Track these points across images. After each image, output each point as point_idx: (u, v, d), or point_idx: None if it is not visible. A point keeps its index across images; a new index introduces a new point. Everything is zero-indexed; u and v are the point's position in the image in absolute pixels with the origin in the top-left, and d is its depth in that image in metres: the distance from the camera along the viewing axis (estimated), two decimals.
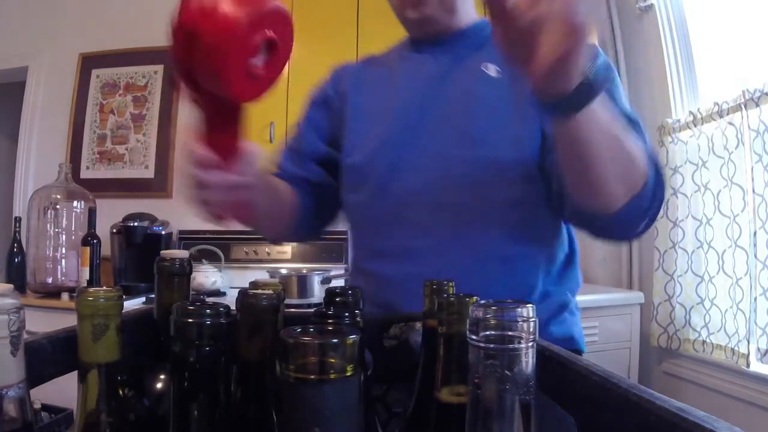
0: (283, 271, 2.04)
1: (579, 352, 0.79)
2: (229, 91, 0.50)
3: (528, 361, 0.27)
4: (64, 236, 2.09)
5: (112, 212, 2.22)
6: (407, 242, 0.76)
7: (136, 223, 2.14)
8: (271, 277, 1.97)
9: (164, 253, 0.48)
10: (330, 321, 0.40)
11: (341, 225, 0.96)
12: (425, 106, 0.79)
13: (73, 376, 0.36)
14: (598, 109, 0.53)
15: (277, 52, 0.51)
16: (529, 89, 0.51)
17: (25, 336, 0.33)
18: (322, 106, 0.95)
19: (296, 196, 0.85)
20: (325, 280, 1.92)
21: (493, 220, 0.74)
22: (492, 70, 0.77)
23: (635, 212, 0.64)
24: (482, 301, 0.29)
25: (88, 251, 1.93)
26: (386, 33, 1.24)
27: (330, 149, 0.90)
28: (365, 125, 0.84)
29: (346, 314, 0.40)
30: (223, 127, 0.55)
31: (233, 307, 0.36)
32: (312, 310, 0.41)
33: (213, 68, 0.47)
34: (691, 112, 1.98)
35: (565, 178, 0.63)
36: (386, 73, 0.89)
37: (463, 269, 0.64)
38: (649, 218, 0.66)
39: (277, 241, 0.81)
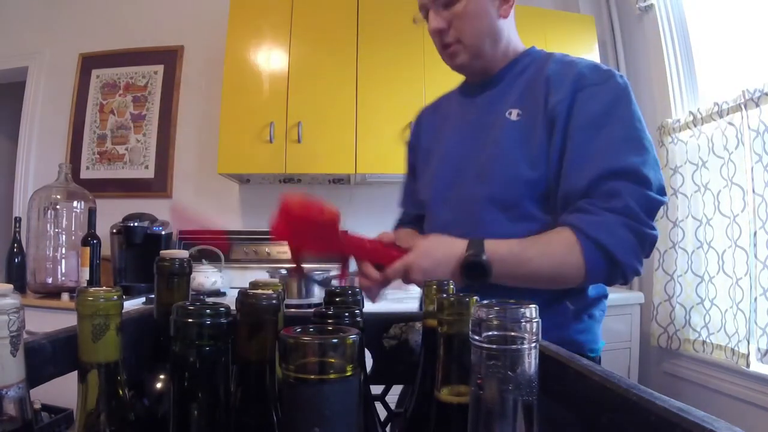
0: (283, 271, 2.04)
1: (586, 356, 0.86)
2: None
3: (530, 362, 0.27)
4: (64, 236, 2.09)
5: (112, 212, 2.22)
6: None
7: (136, 223, 2.14)
8: (271, 277, 1.97)
9: (164, 253, 0.48)
10: (330, 321, 0.40)
11: None
12: (461, 151, 0.94)
13: (73, 376, 0.36)
14: (501, 276, 0.77)
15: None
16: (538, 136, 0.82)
17: (25, 336, 0.33)
18: (411, 151, 1.13)
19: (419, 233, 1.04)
20: (325, 280, 1.92)
21: None
22: (515, 114, 0.88)
23: (593, 284, 0.84)
24: (485, 302, 0.29)
25: (88, 251, 1.93)
26: (386, 33, 1.24)
27: None
28: (425, 167, 1.03)
29: (346, 314, 0.40)
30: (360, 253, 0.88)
31: (233, 307, 0.36)
32: (312, 310, 0.41)
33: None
34: (691, 112, 1.98)
35: None
36: (441, 119, 1.05)
37: (477, 292, 0.72)
38: (623, 281, 0.78)
39: None
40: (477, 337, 0.27)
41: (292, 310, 1.43)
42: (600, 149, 0.77)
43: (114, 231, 2.15)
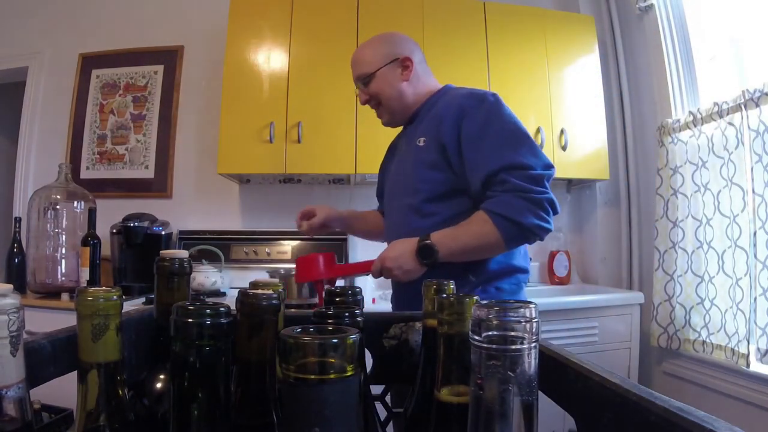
0: (283, 271, 2.04)
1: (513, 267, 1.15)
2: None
3: (530, 362, 0.27)
4: (64, 236, 2.08)
5: (112, 212, 2.23)
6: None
7: (136, 223, 2.14)
8: (271, 277, 1.97)
9: (164, 253, 0.48)
10: (330, 321, 0.40)
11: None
12: (397, 171, 1.29)
13: (73, 376, 0.36)
14: (447, 255, 1.06)
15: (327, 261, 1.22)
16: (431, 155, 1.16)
17: (25, 336, 0.33)
18: (381, 170, 1.46)
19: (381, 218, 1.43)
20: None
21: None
22: (422, 141, 1.18)
23: (513, 248, 1.10)
24: (484, 302, 0.29)
25: (88, 251, 1.93)
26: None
27: None
28: (384, 183, 1.39)
29: (346, 314, 0.40)
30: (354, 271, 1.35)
31: (233, 307, 0.36)
32: (312, 310, 0.41)
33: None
34: (691, 112, 1.98)
35: None
36: (394, 145, 1.43)
37: None
38: (535, 238, 1.05)
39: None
40: (477, 337, 0.27)
41: (292, 310, 1.43)
42: (484, 156, 1.06)
43: (114, 231, 2.15)
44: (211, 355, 0.31)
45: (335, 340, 0.24)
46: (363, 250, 2.35)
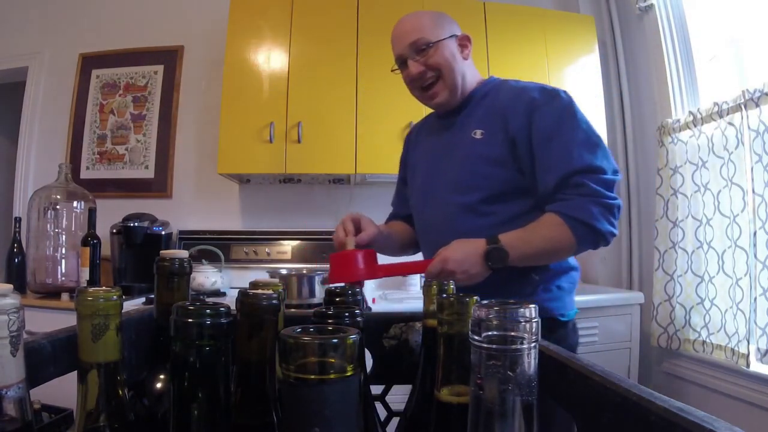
0: (283, 271, 2.04)
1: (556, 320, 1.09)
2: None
3: (530, 362, 0.27)
4: (64, 236, 2.08)
5: (112, 212, 2.22)
6: (431, 252, 1.06)
7: (136, 223, 2.14)
8: (271, 277, 1.97)
9: (164, 253, 0.48)
10: (330, 321, 0.39)
11: None
12: (438, 166, 1.16)
13: (73, 376, 0.36)
14: (516, 258, 0.98)
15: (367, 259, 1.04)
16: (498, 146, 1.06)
17: (25, 336, 0.33)
18: (402, 165, 1.35)
19: (411, 228, 1.30)
20: (325, 280, 1.92)
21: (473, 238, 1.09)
22: (478, 134, 1.09)
23: (582, 252, 1.04)
24: (484, 302, 0.29)
25: (88, 251, 1.93)
26: (386, 33, 1.25)
27: None
28: (413, 179, 1.26)
29: (346, 314, 0.40)
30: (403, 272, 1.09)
31: (233, 307, 0.36)
32: (312, 310, 0.41)
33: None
34: (691, 112, 1.98)
35: None
36: (424, 138, 1.27)
37: None
38: (604, 244, 1.02)
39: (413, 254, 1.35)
40: (477, 337, 0.27)
41: (292, 310, 1.43)
42: (559, 156, 1.00)
43: (114, 231, 2.15)
44: (211, 355, 0.31)
45: (335, 340, 0.24)
46: None
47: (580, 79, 2.37)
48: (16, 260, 2.07)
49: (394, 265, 1.05)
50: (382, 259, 1.06)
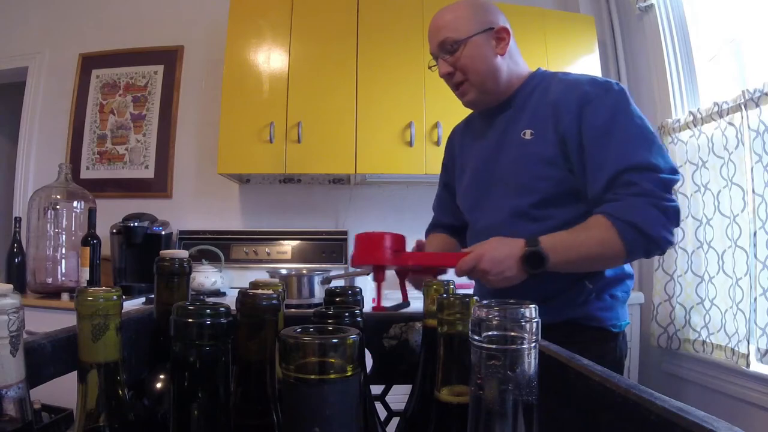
0: (283, 271, 2.04)
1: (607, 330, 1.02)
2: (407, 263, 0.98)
3: (530, 362, 0.27)
4: (64, 236, 2.08)
5: (112, 212, 2.22)
6: None
7: (136, 223, 2.14)
8: (271, 277, 1.97)
9: (164, 253, 0.48)
10: (330, 321, 0.39)
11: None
12: (487, 168, 1.09)
13: (73, 376, 0.36)
14: (558, 264, 0.90)
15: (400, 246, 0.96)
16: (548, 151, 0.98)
17: (25, 336, 0.33)
18: (445, 170, 1.30)
19: (455, 241, 1.25)
20: (325, 280, 1.92)
21: None
22: (528, 134, 1.02)
23: (634, 260, 0.95)
24: (484, 302, 0.29)
25: (88, 251, 1.93)
26: (386, 33, 1.24)
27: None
28: (460, 181, 1.19)
29: (346, 314, 0.40)
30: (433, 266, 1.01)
31: (233, 307, 0.36)
32: (312, 310, 0.41)
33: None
34: (691, 112, 1.98)
35: None
36: (471, 138, 1.20)
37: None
38: (659, 251, 0.92)
39: None
40: (477, 337, 0.27)
41: (292, 310, 1.43)
42: (611, 153, 0.91)
43: (114, 231, 2.15)
44: (211, 355, 0.31)
45: (335, 340, 0.24)
46: None
47: None
48: (16, 260, 2.06)
49: (424, 254, 0.98)
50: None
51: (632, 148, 0.91)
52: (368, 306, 0.99)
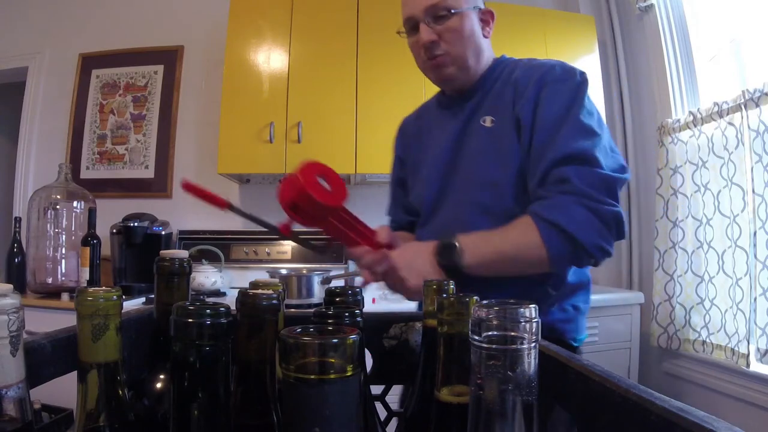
0: (283, 271, 2.04)
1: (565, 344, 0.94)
2: (328, 204, 0.82)
3: (530, 362, 0.27)
4: (64, 236, 2.08)
5: (112, 212, 2.22)
6: None
7: (136, 223, 2.14)
8: (271, 277, 1.97)
9: (164, 253, 0.48)
10: (330, 321, 0.39)
11: None
12: (445, 162, 1.00)
13: (73, 376, 0.36)
14: (474, 267, 0.82)
15: (332, 181, 0.81)
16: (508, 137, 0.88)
17: (25, 336, 0.33)
18: (398, 161, 1.20)
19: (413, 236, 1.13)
20: (325, 280, 1.92)
21: None
22: (488, 121, 0.94)
23: (563, 268, 0.88)
24: (484, 302, 0.29)
25: (88, 251, 1.93)
26: (386, 33, 1.25)
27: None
28: (414, 177, 1.10)
29: (346, 314, 0.40)
30: (348, 227, 0.86)
31: (233, 307, 0.36)
32: (312, 310, 0.41)
33: (317, 205, 0.81)
34: (691, 112, 1.98)
35: None
36: (425, 131, 1.10)
37: (466, 283, 0.71)
38: (591, 258, 0.81)
39: None
40: (477, 337, 0.27)
41: (292, 310, 1.43)
42: (553, 143, 0.83)
43: (114, 231, 2.15)
44: (211, 355, 0.31)
45: (335, 340, 0.24)
46: None
47: None
48: (16, 260, 2.07)
49: (353, 218, 0.85)
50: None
51: (572, 140, 0.81)
52: (368, 306, 0.97)
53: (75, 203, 2.13)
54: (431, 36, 0.93)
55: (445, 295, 0.41)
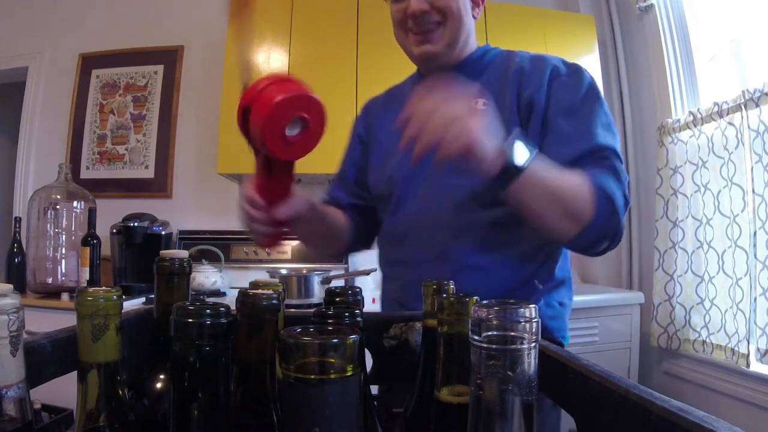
0: (283, 271, 2.04)
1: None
2: (270, 152, 0.68)
3: (530, 362, 0.27)
4: (64, 236, 2.08)
5: (112, 212, 2.22)
6: (411, 254, 0.91)
7: (136, 223, 2.14)
8: (271, 277, 1.97)
9: (164, 253, 0.48)
10: (330, 321, 0.39)
11: None
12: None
13: (73, 376, 0.36)
14: (533, 179, 0.68)
15: (309, 129, 0.68)
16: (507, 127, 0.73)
17: (25, 336, 0.33)
18: (358, 140, 1.12)
19: (347, 219, 1.03)
20: (325, 280, 1.92)
21: (474, 236, 0.87)
22: (480, 104, 0.84)
23: (587, 240, 0.78)
24: (484, 302, 0.29)
25: (88, 251, 1.93)
26: (386, 33, 1.24)
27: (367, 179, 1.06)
28: (383, 158, 0.99)
29: (346, 314, 0.40)
30: (271, 177, 0.76)
31: (233, 307, 0.36)
32: (312, 310, 0.41)
33: (259, 135, 0.66)
34: (691, 112, 1.98)
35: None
36: (398, 109, 0.94)
37: (451, 277, 0.58)
38: (608, 242, 0.78)
39: (335, 255, 1.13)
40: (476, 337, 0.27)
41: (292, 310, 1.43)
42: (581, 130, 0.82)
43: (114, 231, 2.15)
44: (211, 355, 0.31)
45: (335, 340, 0.24)
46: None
47: None
48: (16, 260, 2.07)
49: (287, 172, 0.75)
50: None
51: (603, 133, 0.81)
52: (368, 306, 0.96)
53: (75, 203, 2.13)
54: (423, 5, 0.87)
55: (445, 295, 0.41)
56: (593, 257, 0.81)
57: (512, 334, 0.27)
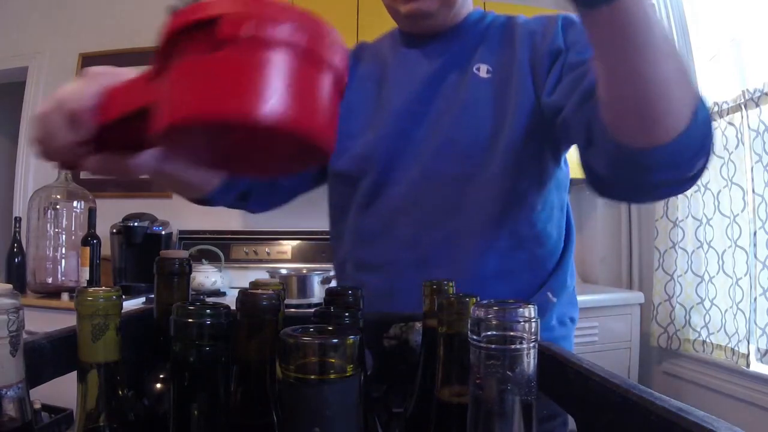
0: (283, 271, 2.04)
1: None
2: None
3: (529, 362, 0.27)
4: (64, 236, 2.08)
5: (112, 212, 2.22)
6: (391, 256, 0.75)
7: (136, 223, 2.14)
8: (271, 277, 1.97)
9: (164, 253, 0.48)
10: (330, 321, 0.40)
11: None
12: (416, 114, 0.75)
13: (73, 376, 0.36)
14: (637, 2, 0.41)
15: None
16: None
17: (25, 336, 0.33)
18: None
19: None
20: (325, 280, 1.92)
21: (475, 237, 0.72)
22: (483, 70, 0.74)
23: (689, 146, 0.49)
24: (483, 302, 0.29)
25: (88, 251, 1.93)
26: (386, 29, 1.24)
27: None
28: (354, 128, 0.78)
29: (346, 314, 0.40)
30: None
31: (233, 307, 0.36)
32: (312, 310, 0.41)
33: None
34: None
35: (602, 105, 0.51)
36: (378, 71, 0.83)
37: None
38: (705, 158, 0.53)
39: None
40: (476, 337, 0.27)
41: (292, 310, 1.43)
42: None
43: (114, 231, 2.15)
44: (211, 355, 0.31)
45: (335, 340, 0.24)
46: None
47: None
48: (16, 260, 2.07)
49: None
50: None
51: None
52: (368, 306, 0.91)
53: (75, 203, 2.13)
54: None
55: (444, 295, 0.41)
56: (673, 195, 0.60)
57: (511, 333, 0.27)
